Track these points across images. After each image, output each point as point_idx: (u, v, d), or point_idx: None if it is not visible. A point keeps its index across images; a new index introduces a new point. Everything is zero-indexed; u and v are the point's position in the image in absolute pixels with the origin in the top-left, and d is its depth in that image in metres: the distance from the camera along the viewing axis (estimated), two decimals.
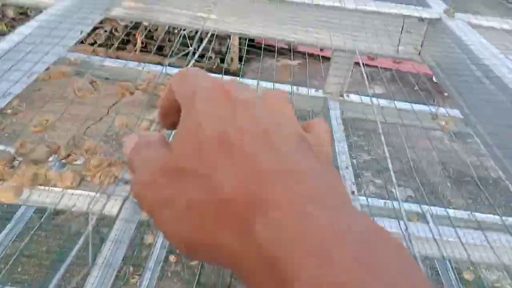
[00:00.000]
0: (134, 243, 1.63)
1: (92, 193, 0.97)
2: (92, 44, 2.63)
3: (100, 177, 0.97)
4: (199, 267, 1.79)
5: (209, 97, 0.17)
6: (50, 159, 0.86)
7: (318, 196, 0.14)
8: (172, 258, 1.81)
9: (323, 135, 0.19)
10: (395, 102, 1.45)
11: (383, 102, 1.47)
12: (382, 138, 0.60)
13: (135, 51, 2.80)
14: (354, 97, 1.49)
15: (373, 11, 0.74)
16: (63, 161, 1.01)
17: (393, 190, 2.49)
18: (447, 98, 2.47)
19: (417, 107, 1.38)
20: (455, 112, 1.29)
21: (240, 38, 2.96)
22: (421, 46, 0.78)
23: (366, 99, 1.41)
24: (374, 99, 1.39)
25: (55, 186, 0.94)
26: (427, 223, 1.66)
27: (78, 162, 0.98)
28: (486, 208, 2.38)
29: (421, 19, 0.74)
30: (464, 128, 1.39)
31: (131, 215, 1.04)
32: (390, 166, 0.58)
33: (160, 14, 0.73)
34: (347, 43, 0.75)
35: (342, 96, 1.49)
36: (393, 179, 0.57)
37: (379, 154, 2.71)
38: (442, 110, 1.41)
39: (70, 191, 0.96)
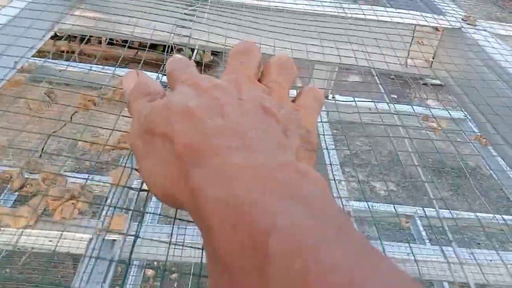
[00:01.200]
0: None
1: (54, 232, 0.84)
2: (53, 38, 2.41)
3: (61, 211, 0.84)
4: (178, 279, 1.69)
5: (185, 89, 0.21)
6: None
7: (251, 148, 0.17)
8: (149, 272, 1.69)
9: (310, 102, 0.22)
10: (378, 103, 1.36)
11: (370, 104, 1.38)
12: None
13: (100, 42, 2.61)
14: (341, 99, 1.40)
15: (380, 21, 0.63)
16: (16, 194, 0.86)
17: (375, 185, 2.45)
18: (423, 86, 2.42)
19: (403, 107, 1.31)
20: (443, 113, 1.23)
21: None
22: (433, 58, 0.68)
23: (355, 102, 1.31)
24: (361, 102, 1.29)
25: (7, 226, 0.80)
26: (416, 225, 1.62)
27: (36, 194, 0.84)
28: (466, 199, 2.38)
29: (436, 29, 0.63)
30: (453, 127, 1.33)
31: (101, 253, 0.91)
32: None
33: (126, 27, 0.59)
34: (342, 55, 0.64)
35: (327, 97, 1.40)
36: None
37: (359, 146, 2.66)
38: (424, 109, 1.33)
39: (27, 230, 0.83)
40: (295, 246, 0.13)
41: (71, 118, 1.03)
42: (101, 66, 1.29)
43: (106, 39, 1.03)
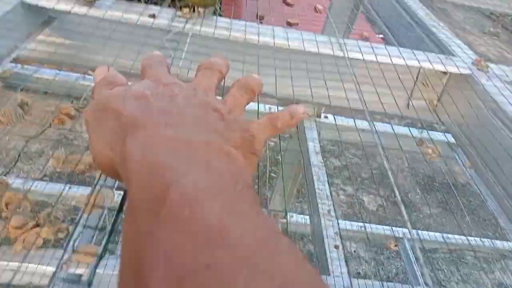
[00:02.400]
0: None
1: (14, 263, 0.78)
2: None
3: (23, 241, 0.77)
4: None
5: (147, 82, 0.23)
6: None
7: (183, 126, 0.20)
8: None
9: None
10: (375, 124, 1.31)
11: (362, 124, 1.33)
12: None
13: None
14: (332, 118, 1.35)
15: (384, 63, 0.57)
16: None
17: (364, 199, 2.41)
18: None
19: (400, 130, 1.26)
20: (440, 136, 1.19)
21: None
22: (438, 101, 0.62)
23: (346, 121, 1.26)
24: (353, 121, 1.24)
25: None
26: (406, 249, 1.57)
27: None
28: (455, 216, 2.35)
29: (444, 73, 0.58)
30: (449, 152, 1.29)
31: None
32: None
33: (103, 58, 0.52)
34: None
35: (319, 116, 1.34)
36: None
37: (349, 159, 2.61)
38: (425, 134, 1.28)
39: None
40: (187, 198, 0.16)
41: (42, 131, 0.96)
42: (79, 74, 1.20)
43: None
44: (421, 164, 2.58)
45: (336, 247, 0.97)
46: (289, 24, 1.21)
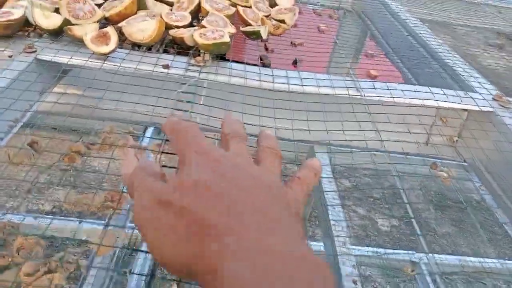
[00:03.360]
0: None
1: None
2: None
3: None
4: None
5: (200, 161, 0.22)
6: None
7: (267, 228, 0.19)
8: None
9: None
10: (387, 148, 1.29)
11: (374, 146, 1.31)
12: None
13: None
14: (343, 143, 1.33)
15: (399, 103, 0.55)
16: None
17: (377, 220, 2.36)
18: None
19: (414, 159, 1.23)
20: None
21: None
22: (458, 137, 0.61)
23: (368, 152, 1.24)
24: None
25: None
26: (423, 274, 1.53)
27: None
28: (470, 234, 2.29)
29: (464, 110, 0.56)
30: (462, 174, 1.26)
31: None
32: None
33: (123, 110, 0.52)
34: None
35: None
36: None
37: (360, 179, 2.58)
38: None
39: None
40: None
41: (49, 166, 0.94)
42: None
43: None
44: (433, 182, 2.54)
45: (354, 282, 0.94)
46: (294, 45, 1.20)
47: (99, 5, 0.67)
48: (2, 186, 1.63)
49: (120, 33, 0.61)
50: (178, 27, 0.64)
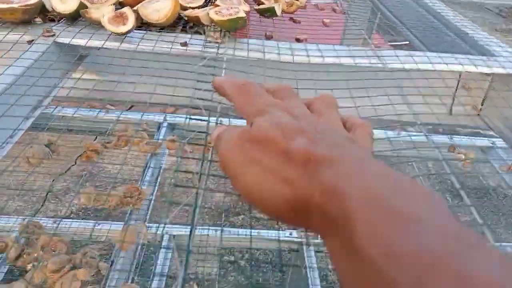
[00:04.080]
0: None
1: None
2: None
3: (61, 285, 0.74)
4: None
5: (273, 110, 0.22)
6: None
7: (362, 157, 0.18)
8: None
9: (366, 138, 0.23)
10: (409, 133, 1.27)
11: (391, 133, 1.29)
12: None
13: None
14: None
15: (420, 70, 0.54)
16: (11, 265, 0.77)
17: None
18: None
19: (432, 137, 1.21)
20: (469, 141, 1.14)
21: None
22: (482, 105, 0.59)
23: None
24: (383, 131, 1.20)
25: None
26: None
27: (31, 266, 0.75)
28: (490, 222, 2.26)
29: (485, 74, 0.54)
30: (482, 154, 1.24)
31: None
32: None
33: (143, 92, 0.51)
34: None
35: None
36: None
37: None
38: (456, 139, 1.23)
39: None
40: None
41: (68, 168, 0.95)
42: (104, 110, 1.21)
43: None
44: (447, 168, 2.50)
45: None
46: (298, 40, 1.19)
47: None
48: (21, 194, 1.64)
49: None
50: (192, 8, 0.64)
